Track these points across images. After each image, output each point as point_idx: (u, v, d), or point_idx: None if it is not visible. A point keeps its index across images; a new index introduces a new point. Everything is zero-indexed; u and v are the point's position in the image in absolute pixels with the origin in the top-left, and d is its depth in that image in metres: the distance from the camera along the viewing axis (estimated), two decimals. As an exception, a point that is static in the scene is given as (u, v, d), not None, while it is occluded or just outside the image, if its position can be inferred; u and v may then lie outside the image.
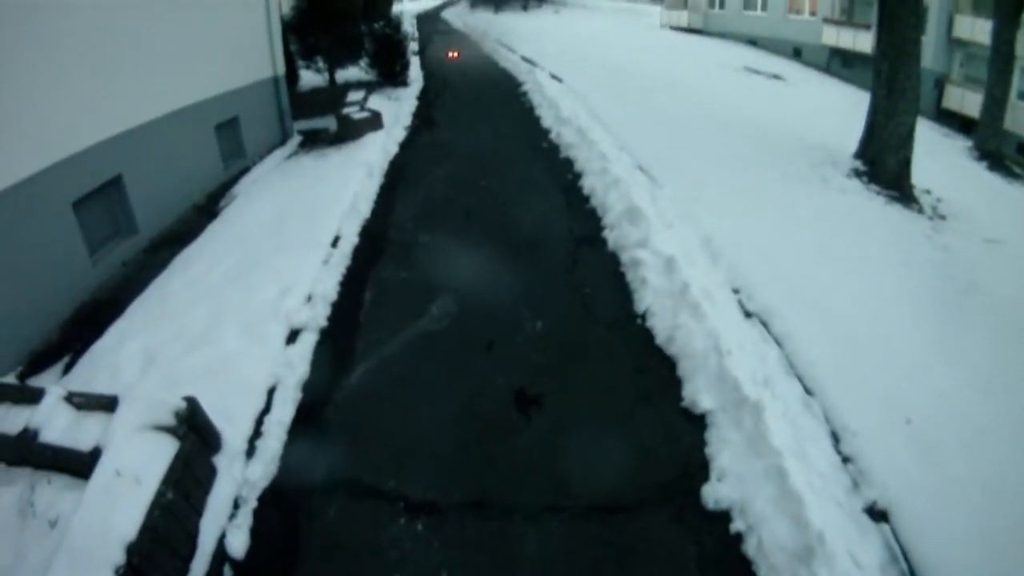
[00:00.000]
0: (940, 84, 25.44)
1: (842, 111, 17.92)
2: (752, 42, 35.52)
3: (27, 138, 6.97)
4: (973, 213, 12.67)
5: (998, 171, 19.10)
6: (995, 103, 20.16)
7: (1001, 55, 19.78)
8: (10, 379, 6.44)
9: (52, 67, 7.27)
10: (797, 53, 33.18)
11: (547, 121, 15.93)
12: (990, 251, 10.91)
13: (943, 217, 12.01)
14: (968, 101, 23.56)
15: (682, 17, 41.56)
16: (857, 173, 12.82)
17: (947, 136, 22.20)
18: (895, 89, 12.64)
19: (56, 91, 7.35)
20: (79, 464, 4.43)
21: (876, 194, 12.08)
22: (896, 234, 10.49)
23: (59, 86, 7.37)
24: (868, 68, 13.83)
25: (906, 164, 12.75)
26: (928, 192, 12.98)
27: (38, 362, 6.92)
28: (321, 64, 19.36)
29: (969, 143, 20.93)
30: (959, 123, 23.84)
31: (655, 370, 6.86)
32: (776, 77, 25.80)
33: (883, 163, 12.74)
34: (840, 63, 30.18)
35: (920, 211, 11.99)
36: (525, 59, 23.44)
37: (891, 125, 12.73)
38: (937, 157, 17.37)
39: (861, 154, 13.46)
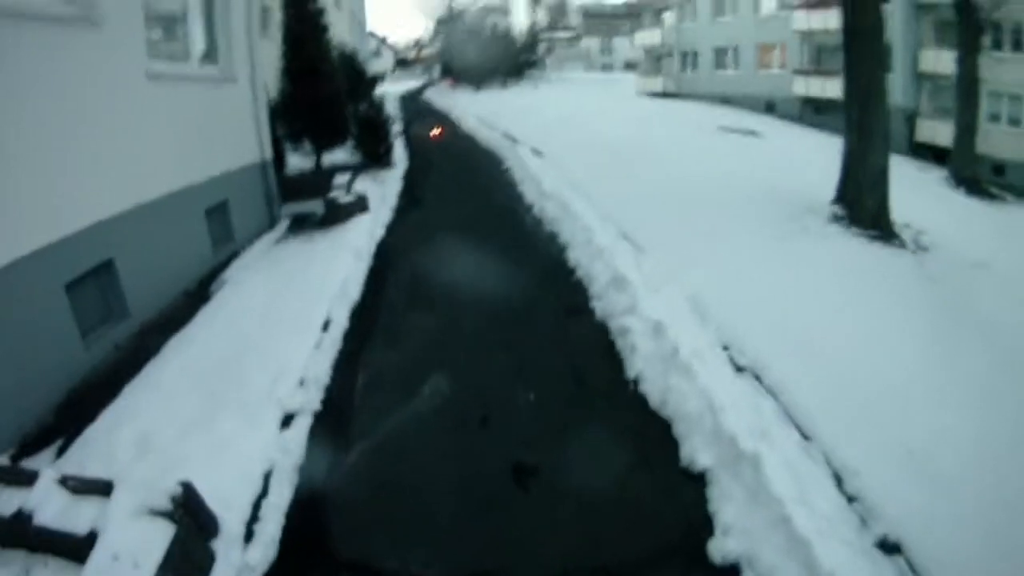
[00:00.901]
0: (911, 119, 25.94)
1: (817, 160, 18.19)
2: (726, 100, 36.32)
3: (22, 218, 7.00)
4: (955, 240, 12.92)
5: (976, 195, 19.45)
6: (966, 130, 20.65)
7: (966, 82, 20.27)
8: (3, 460, 6.33)
9: (45, 149, 7.35)
10: (770, 107, 33.91)
11: (530, 196, 16.19)
12: (976, 276, 11.05)
13: (925, 249, 12.21)
14: (940, 132, 24.09)
15: (656, 83, 42.61)
16: (837, 218, 13.01)
17: (922, 169, 22.60)
18: (866, 131, 12.96)
19: (48, 172, 7.42)
20: (75, 548, 4.41)
21: (857, 236, 12.25)
22: (880, 272, 10.66)
23: (52, 167, 7.45)
24: (840, 113, 14.12)
25: (883, 202, 12.99)
26: (908, 226, 13.19)
27: (31, 445, 6.79)
28: (308, 148, 19.44)
29: (945, 173, 21.30)
30: (933, 154, 24.26)
31: (651, 433, 6.90)
32: (751, 133, 26.25)
33: (861, 204, 12.96)
34: (813, 111, 30.84)
35: (902, 246, 12.19)
36: (506, 135, 23.87)
37: (865, 166, 13.01)
38: (915, 190, 17.65)
39: (839, 199, 13.69)
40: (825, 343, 7.91)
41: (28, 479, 4.80)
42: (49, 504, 4.63)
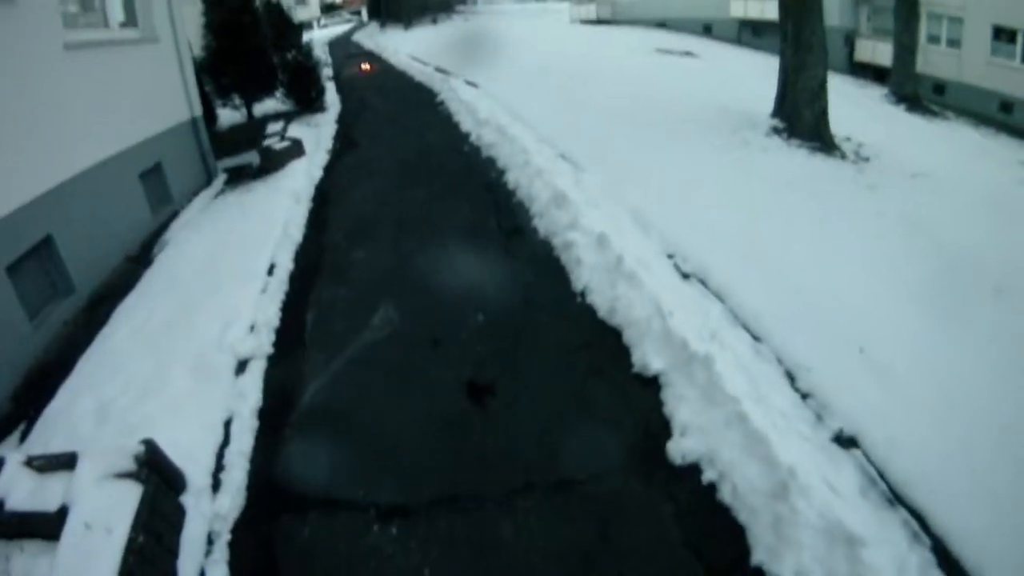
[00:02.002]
0: (850, 39, 26.01)
1: (756, 77, 18.17)
2: (662, 24, 35.94)
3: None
4: (896, 152, 12.95)
5: (917, 112, 19.54)
6: (905, 49, 20.68)
7: (906, 3, 20.23)
8: (-34, 454, 6.16)
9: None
10: (707, 29, 33.77)
11: (466, 125, 15.86)
12: (917, 185, 11.08)
13: (866, 159, 12.23)
14: (880, 52, 24.23)
15: (590, 10, 41.88)
16: (776, 131, 12.99)
17: (863, 87, 22.67)
18: (802, 45, 12.84)
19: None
20: (48, 526, 4.26)
21: (797, 147, 12.26)
22: (821, 180, 10.66)
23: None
24: (778, 35, 13.96)
25: (823, 115, 12.95)
26: (848, 139, 13.22)
27: None
28: (237, 101, 19.25)
29: (885, 91, 21.39)
30: (872, 74, 24.39)
31: (602, 342, 6.81)
32: (688, 54, 26.06)
33: (799, 117, 12.93)
34: (751, 33, 30.79)
35: (843, 157, 12.21)
36: (438, 69, 23.43)
37: (802, 80, 12.92)
38: (855, 106, 17.77)
39: (778, 112, 13.69)
40: (768, 250, 7.85)
41: (-6, 468, 4.62)
42: (17, 488, 4.46)
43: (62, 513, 4.26)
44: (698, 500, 4.90)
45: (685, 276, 7.43)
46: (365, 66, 28.11)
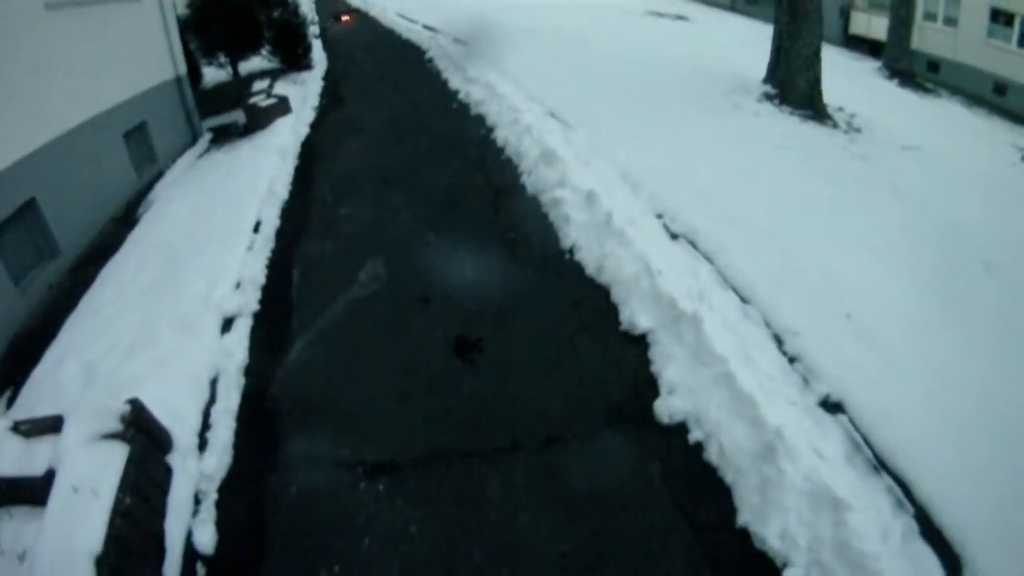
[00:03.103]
0: (845, 12, 25.88)
1: (748, 43, 18.06)
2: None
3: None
4: (888, 125, 12.90)
5: (909, 87, 19.46)
6: (901, 24, 20.55)
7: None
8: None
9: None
10: (701, -6, 33.36)
11: (455, 83, 15.67)
12: (907, 157, 11.05)
13: (858, 130, 12.18)
14: (875, 25, 24.06)
15: (580, -30, 41.34)
16: (768, 97, 12.92)
17: (857, 59, 22.61)
18: (797, 12, 12.73)
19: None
20: (35, 490, 4.17)
21: (789, 114, 12.20)
22: (812, 148, 10.63)
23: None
24: (772, 2, 13.83)
25: (816, 83, 12.88)
26: (841, 109, 13.18)
27: None
28: (223, 59, 18.93)
29: (879, 64, 21.30)
30: (867, 47, 24.30)
31: (589, 300, 6.76)
32: (680, 18, 25.91)
33: (792, 84, 12.84)
34: (745, 0, 30.47)
35: (835, 126, 12.15)
36: (427, 27, 23.08)
37: (796, 47, 12.82)
38: (849, 78, 17.70)
39: (770, 78, 13.59)
40: (757, 214, 7.79)
41: (-21, 436, 4.51)
42: (5, 454, 4.36)
43: (49, 477, 4.18)
44: (685, 460, 4.87)
45: (674, 236, 7.38)
46: (345, 17, 27.61)
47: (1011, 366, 5.58)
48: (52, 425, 4.53)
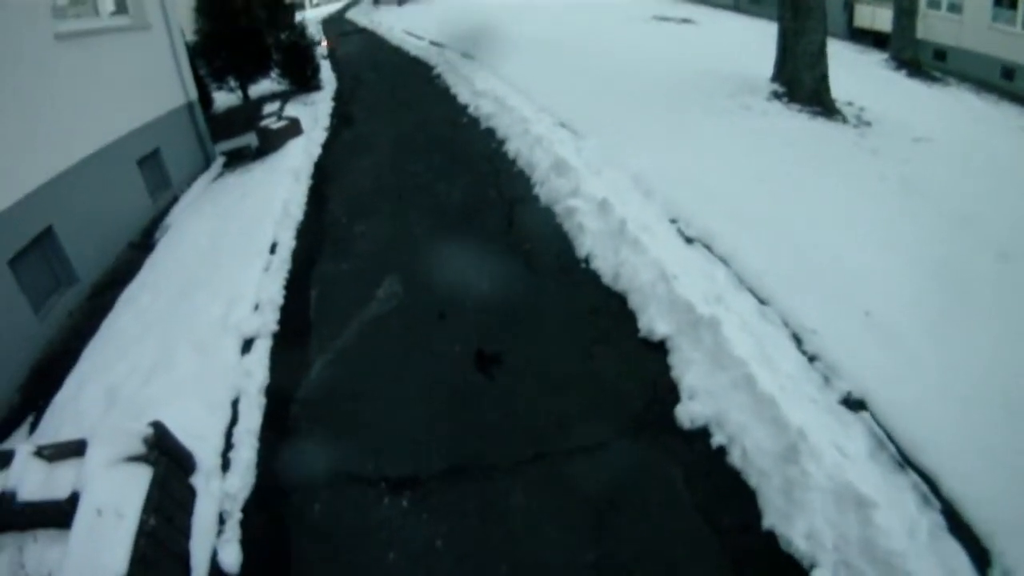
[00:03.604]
0: (849, 5, 25.80)
1: (755, 43, 17.93)
2: (657, -10, 35.50)
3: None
4: (897, 117, 12.82)
5: (918, 77, 19.35)
6: (905, 13, 20.46)
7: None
8: (-22, 451, 6.14)
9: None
10: (705, -5, 33.32)
11: (464, 97, 15.72)
12: (918, 149, 11.00)
13: (868, 124, 12.12)
14: (879, 17, 23.93)
15: (584, -22, 41.33)
16: (776, 95, 12.87)
17: (863, 52, 22.47)
18: (801, 9, 12.72)
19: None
20: (60, 514, 4.18)
21: (798, 112, 12.15)
22: (822, 144, 10.58)
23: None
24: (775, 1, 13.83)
25: (823, 79, 12.84)
26: (850, 104, 13.11)
27: (3, 428, 6.61)
28: (233, 83, 19.16)
29: (885, 56, 21.19)
30: (872, 40, 24.18)
31: (607, 308, 6.77)
32: (686, 21, 25.88)
33: (799, 81, 12.81)
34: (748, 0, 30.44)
35: (844, 121, 12.10)
36: (433, 43, 23.19)
37: (802, 44, 12.80)
38: (855, 71, 17.57)
39: (777, 77, 13.54)
40: (771, 214, 7.76)
41: (5, 460, 4.52)
42: (29, 478, 4.38)
43: (73, 500, 4.19)
44: (708, 464, 4.86)
45: (689, 240, 7.38)
46: (325, 42, 27.82)
47: (1032, 358, 5.51)
48: (75, 449, 4.56)
